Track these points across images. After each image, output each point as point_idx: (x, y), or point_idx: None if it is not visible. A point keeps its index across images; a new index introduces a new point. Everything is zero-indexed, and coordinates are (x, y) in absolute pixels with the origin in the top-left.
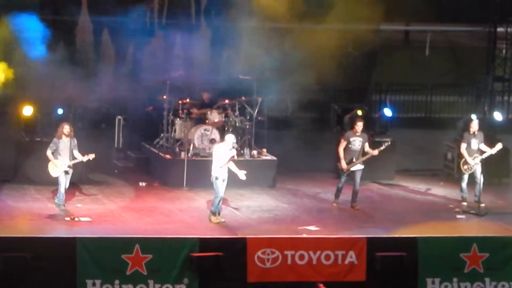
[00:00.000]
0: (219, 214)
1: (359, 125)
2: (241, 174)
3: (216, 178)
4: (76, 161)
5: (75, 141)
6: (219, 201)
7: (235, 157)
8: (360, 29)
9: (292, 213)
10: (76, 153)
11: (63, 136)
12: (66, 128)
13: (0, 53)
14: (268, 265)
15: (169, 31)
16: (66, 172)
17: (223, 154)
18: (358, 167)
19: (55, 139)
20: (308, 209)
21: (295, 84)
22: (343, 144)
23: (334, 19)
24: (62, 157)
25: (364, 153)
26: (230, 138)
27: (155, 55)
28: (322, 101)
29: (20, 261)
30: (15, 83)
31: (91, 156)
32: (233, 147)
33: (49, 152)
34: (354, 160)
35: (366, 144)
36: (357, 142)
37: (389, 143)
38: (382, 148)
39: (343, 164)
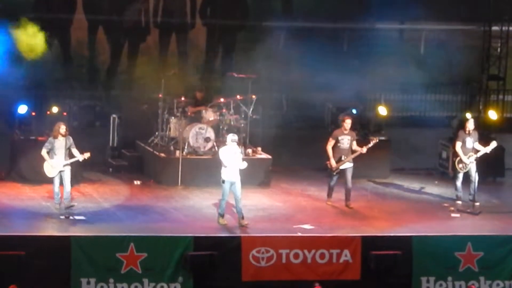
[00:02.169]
0: (243, 218)
1: (348, 122)
2: (243, 165)
3: (223, 182)
4: (73, 159)
5: (71, 139)
6: (225, 203)
7: (241, 162)
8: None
9: (287, 212)
10: (74, 151)
11: (59, 136)
12: (63, 128)
13: None
14: (263, 264)
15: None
16: (61, 171)
17: (227, 155)
18: (347, 165)
19: (50, 139)
20: (302, 208)
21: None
22: (331, 142)
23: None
24: (58, 157)
25: (352, 151)
26: (229, 137)
27: None
28: (316, 99)
29: (14, 259)
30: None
31: (86, 155)
32: (235, 143)
33: (44, 152)
34: (343, 158)
35: (354, 142)
36: (345, 140)
37: (377, 140)
38: (370, 145)
39: (333, 163)
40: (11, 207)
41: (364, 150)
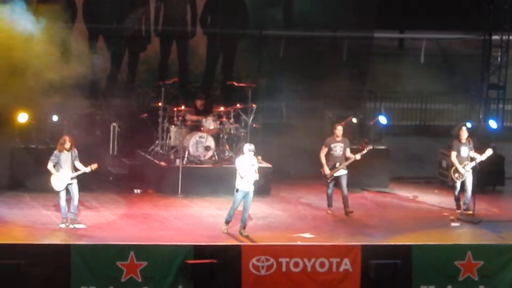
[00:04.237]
0: (244, 227)
1: (339, 129)
2: (256, 176)
3: (237, 191)
4: (79, 172)
5: (76, 152)
6: (234, 212)
7: (256, 173)
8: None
9: (287, 221)
10: (77, 164)
11: (64, 150)
12: (68, 144)
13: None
14: (263, 272)
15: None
16: (69, 184)
17: (243, 165)
18: (341, 172)
19: (56, 152)
20: (302, 217)
21: (288, 91)
22: (324, 150)
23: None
24: (64, 170)
25: (346, 158)
26: (246, 147)
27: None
28: (316, 108)
29: (14, 268)
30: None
31: (94, 166)
32: (253, 153)
33: (50, 166)
34: (337, 165)
35: (348, 150)
36: (338, 147)
37: (372, 147)
38: (364, 152)
39: (326, 170)
40: (11, 216)
41: (358, 157)
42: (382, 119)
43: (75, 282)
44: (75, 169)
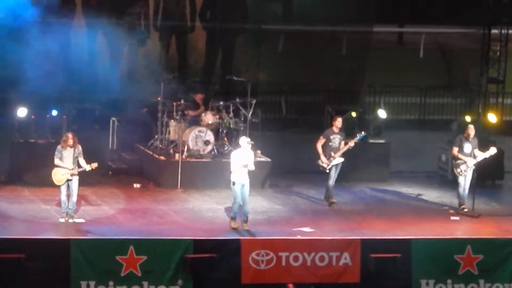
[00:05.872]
0: (246, 221)
1: (339, 121)
2: (252, 167)
3: (233, 184)
4: (80, 169)
5: (80, 148)
6: (237, 206)
7: (249, 166)
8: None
9: (286, 215)
10: (81, 160)
11: (67, 146)
12: (70, 141)
13: None
14: (263, 266)
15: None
16: (69, 180)
17: (237, 159)
18: (338, 160)
19: (59, 147)
20: (302, 211)
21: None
22: (321, 141)
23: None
24: (66, 165)
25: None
26: (244, 140)
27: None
28: (316, 102)
29: (14, 262)
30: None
31: (94, 165)
32: (250, 146)
33: (57, 161)
34: (332, 155)
35: (343, 143)
36: (336, 139)
37: (364, 133)
38: (357, 138)
39: (323, 159)
40: (10, 210)
41: (352, 143)
42: (382, 113)
43: (74, 276)
44: (78, 165)
